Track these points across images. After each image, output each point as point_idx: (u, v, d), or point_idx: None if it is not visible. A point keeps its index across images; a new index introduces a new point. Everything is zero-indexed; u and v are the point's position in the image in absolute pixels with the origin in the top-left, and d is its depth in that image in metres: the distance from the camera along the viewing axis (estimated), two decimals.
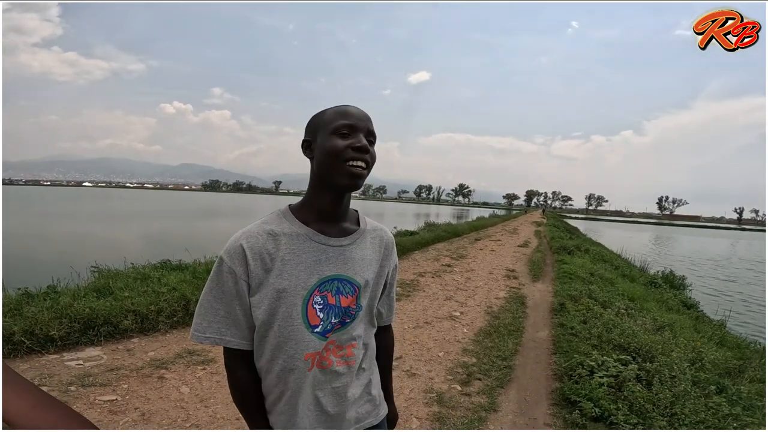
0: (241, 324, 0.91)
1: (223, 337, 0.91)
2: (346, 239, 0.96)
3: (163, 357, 3.44)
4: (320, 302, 0.91)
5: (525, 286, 7.60)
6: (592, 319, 4.93)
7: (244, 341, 0.92)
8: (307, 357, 0.91)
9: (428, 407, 2.97)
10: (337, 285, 0.93)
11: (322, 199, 0.94)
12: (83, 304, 3.77)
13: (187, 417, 2.66)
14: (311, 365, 0.92)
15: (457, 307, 5.71)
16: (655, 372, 3.34)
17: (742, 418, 2.89)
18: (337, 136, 0.90)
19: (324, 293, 0.92)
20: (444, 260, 9.80)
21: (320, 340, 0.92)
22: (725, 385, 3.45)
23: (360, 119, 0.92)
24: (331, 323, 0.93)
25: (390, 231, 1.10)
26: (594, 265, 10.35)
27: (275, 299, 0.89)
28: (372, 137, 0.94)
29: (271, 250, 0.90)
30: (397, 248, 1.13)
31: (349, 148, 0.89)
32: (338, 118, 0.91)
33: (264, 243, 0.90)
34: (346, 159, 0.89)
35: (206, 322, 0.91)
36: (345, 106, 0.94)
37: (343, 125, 0.90)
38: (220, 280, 0.90)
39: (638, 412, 2.87)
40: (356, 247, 0.97)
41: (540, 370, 3.80)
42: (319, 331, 0.92)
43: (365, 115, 0.94)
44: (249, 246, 0.89)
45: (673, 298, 8.82)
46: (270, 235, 0.91)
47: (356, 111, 0.93)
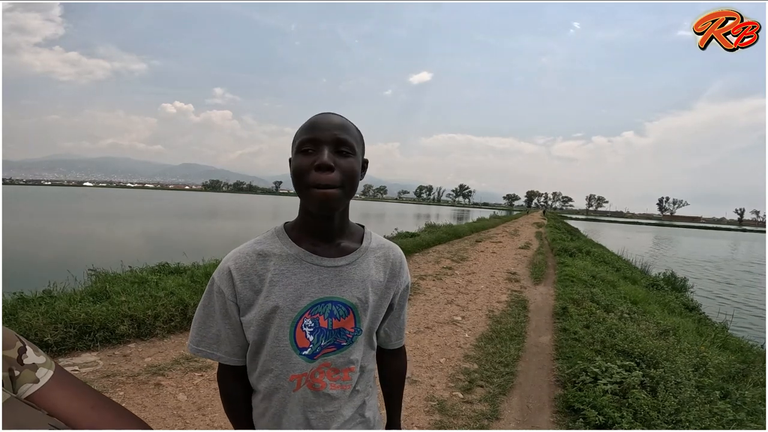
0: (231, 341, 0.90)
1: (215, 353, 0.91)
2: (343, 259, 0.89)
3: (160, 363, 3.39)
4: (311, 325, 0.87)
5: (526, 289, 7.54)
6: (595, 324, 4.87)
7: (234, 357, 0.92)
8: (293, 378, 0.88)
9: (429, 415, 2.92)
10: (330, 308, 0.88)
11: (310, 219, 0.88)
12: (79, 308, 3.72)
13: (184, 425, 2.61)
14: (297, 386, 0.89)
15: (459, 312, 5.65)
16: (659, 378, 3.29)
17: (746, 424, 2.86)
18: (302, 155, 0.81)
19: (315, 316, 0.87)
20: (445, 262, 9.75)
21: (307, 362, 0.88)
22: (729, 390, 3.42)
23: (323, 129, 0.81)
24: (320, 346, 0.88)
25: (390, 238, 1.02)
26: (595, 267, 10.29)
27: (264, 320, 0.86)
28: (345, 147, 0.82)
29: (260, 272, 0.87)
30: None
31: (311, 170, 0.80)
32: (303, 132, 0.82)
33: (253, 264, 0.87)
34: (308, 183, 0.80)
35: (199, 336, 0.92)
36: (315, 117, 0.84)
37: (305, 140, 0.81)
38: (211, 300, 0.90)
39: (643, 420, 2.83)
40: (355, 267, 0.90)
41: (543, 376, 3.75)
42: (307, 353, 0.88)
43: (332, 123, 0.82)
44: (236, 267, 0.87)
45: (675, 301, 8.77)
46: (260, 255, 0.88)
47: (323, 120, 0.83)
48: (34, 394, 0.53)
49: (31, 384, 0.53)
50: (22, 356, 0.54)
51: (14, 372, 0.52)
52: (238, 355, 0.92)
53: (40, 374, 0.55)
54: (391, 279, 0.96)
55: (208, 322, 0.90)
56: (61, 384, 0.56)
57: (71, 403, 0.55)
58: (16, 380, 0.52)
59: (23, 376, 0.53)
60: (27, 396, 0.53)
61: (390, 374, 1.11)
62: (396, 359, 1.10)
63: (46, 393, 0.54)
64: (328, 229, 0.89)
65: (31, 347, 0.56)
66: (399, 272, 0.98)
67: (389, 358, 1.09)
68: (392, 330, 1.05)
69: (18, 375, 0.53)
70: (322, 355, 0.90)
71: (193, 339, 0.92)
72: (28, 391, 0.53)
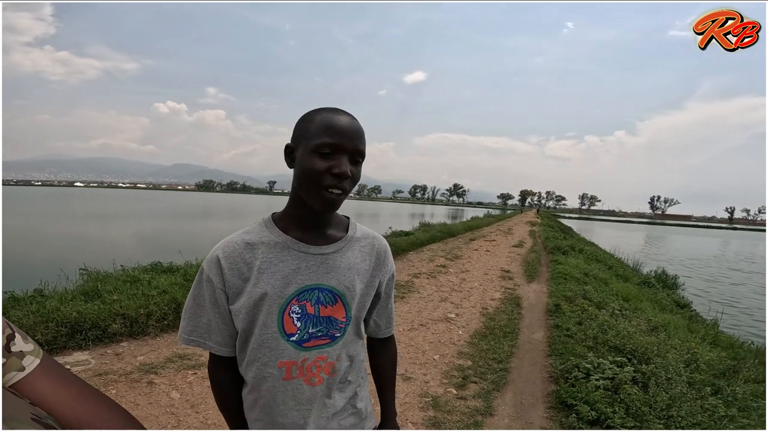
0: (221, 331, 0.91)
1: (206, 342, 0.92)
2: (329, 247, 0.91)
3: (153, 361, 3.37)
4: (298, 311, 0.88)
5: (520, 286, 7.58)
6: (588, 320, 4.91)
7: (224, 348, 0.93)
8: (282, 365, 0.89)
9: (424, 412, 2.93)
10: (317, 295, 0.89)
11: (302, 210, 0.90)
12: (70, 307, 3.69)
13: (177, 423, 2.60)
14: (286, 374, 0.89)
15: (453, 309, 5.67)
16: (651, 374, 3.32)
17: (738, 420, 2.88)
18: (318, 156, 0.82)
19: (302, 302, 0.88)
20: (439, 261, 9.77)
21: (296, 348, 0.89)
22: (720, 386, 3.44)
23: (348, 138, 0.82)
24: (308, 332, 0.89)
25: (384, 236, 1.03)
26: (588, 265, 10.37)
27: (253, 308, 0.87)
28: (360, 156, 0.85)
29: (248, 260, 0.88)
30: (392, 249, 1.07)
31: (327, 173, 0.81)
32: (323, 133, 0.82)
33: (241, 253, 0.88)
34: (322, 186, 0.82)
35: (191, 326, 0.93)
36: (335, 116, 0.84)
37: (326, 144, 0.81)
38: (200, 289, 0.91)
39: (635, 415, 2.85)
40: (341, 255, 0.92)
41: (536, 372, 3.77)
42: (295, 339, 0.88)
43: (355, 132, 0.84)
44: (225, 256, 0.88)
45: (666, 298, 8.85)
46: (248, 244, 0.89)
47: (346, 126, 0.83)
48: (19, 382, 0.53)
49: (16, 372, 0.53)
50: (10, 343, 0.54)
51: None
52: (228, 344, 0.93)
53: (26, 362, 0.54)
54: (376, 267, 0.98)
55: (199, 312, 0.91)
56: (47, 373, 0.55)
57: (55, 392, 0.54)
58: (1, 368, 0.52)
59: (9, 364, 0.53)
60: (11, 384, 0.52)
61: (383, 363, 1.12)
62: (387, 348, 1.12)
63: (31, 382, 0.53)
64: (319, 221, 0.91)
65: (20, 334, 0.56)
66: (384, 261, 1.00)
67: (380, 347, 1.11)
68: (381, 318, 1.06)
69: (4, 363, 0.52)
70: (317, 347, 0.90)
71: (185, 329, 0.93)
72: (12, 379, 0.52)
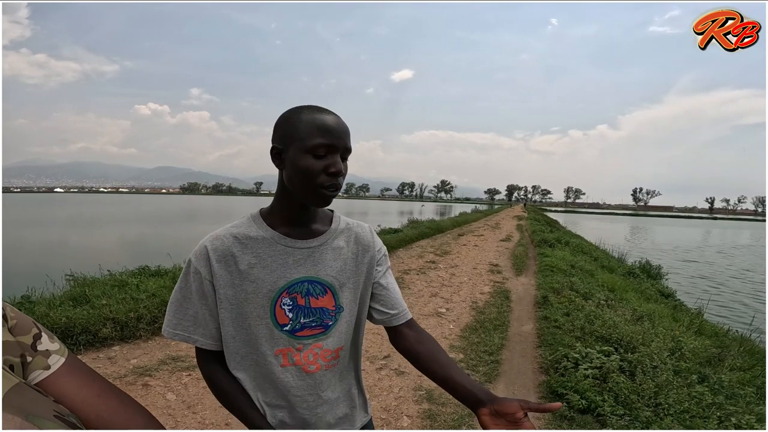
0: (207, 324, 0.92)
1: (192, 336, 0.92)
2: (314, 241, 0.94)
3: (146, 364, 3.36)
4: (289, 303, 0.91)
5: (509, 280, 7.69)
6: (575, 311, 5.01)
7: (211, 341, 0.93)
8: (278, 352, 0.91)
9: (418, 404, 2.98)
10: (306, 287, 0.92)
11: (289, 207, 0.92)
12: (59, 313, 3.66)
13: (175, 424, 2.60)
14: (284, 362, 0.91)
15: (443, 304, 5.74)
16: (636, 362, 3.40)
17: (725, 407, 2.90)
18: (312, 157, 0.84)
19: (293, 295, 0.91)
20: (428, 257, 9.85)
21: (290, 337, 0.91)
22: (706, 374, 3.48)
23: (339, 137, 0.85)
24: (300, 323, 0.91)
25: (369, 227, 1.04)
26: (574, 257, 10.53)
27: (242, 301, 0.89)
28: (348, 153, 0.89)
29: (236, 253, 0.89)
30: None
31: (324, 173, 0.85)
32: (316, 134, 0.84)
33: (229, 246, 0.90)
34: (318, 185, 0.85)
35: (176, 320, 0.92)
36: (324, 116, 0.86)
37: (320, 145, 0.84)
38: (188, 281, 0.91)
39: (623, 403, 2.91)
40: (326, 247, 0.94)
41: (526, 363, 3.85)
42: (288, 329, 0.91)
43: (345, 131, 0.87)
44: (213, 248, 0.89)
45: (650, 288, 9.01)
46: (236, 238, 0.91)
47: (336, 126, 0.86)
48: (44, 380, 0.54)
49: (41, 370, 0.55)
50: (36, 342, 0.56)
51: (27, 358, 0.54)
52: (214, 338, 0.93)
53: (51, 361, 0.56)
54: (362, 253, 0.99)
55: (185, 304, 0.92)
56: (71, 372, 0.57)
57: (79, 390, 0.56)
58: (27, 366, 0.54)
59: (35, 363, 0.54)
60: (36, 382, 0.54)
61: (431, 344, 0.98)
62: (415, 331, 1.01)
63: (55, 380, 0.55)
64: (305, 217, 0.93)
65: (47, 334, 0.58)
66: (370, 244, 1.01)
67: (414, 331, 1.01)
68: (390, 302, 1.01)
69: (30, 361, 0.54)
70: (312, 336, 0.92)
71: (170, 322, 0.92)
72: (38, 377, 0.54)
